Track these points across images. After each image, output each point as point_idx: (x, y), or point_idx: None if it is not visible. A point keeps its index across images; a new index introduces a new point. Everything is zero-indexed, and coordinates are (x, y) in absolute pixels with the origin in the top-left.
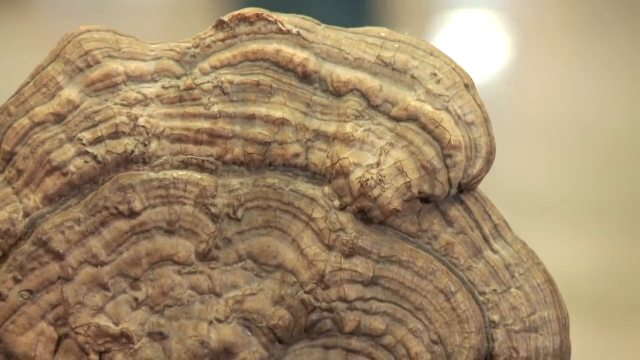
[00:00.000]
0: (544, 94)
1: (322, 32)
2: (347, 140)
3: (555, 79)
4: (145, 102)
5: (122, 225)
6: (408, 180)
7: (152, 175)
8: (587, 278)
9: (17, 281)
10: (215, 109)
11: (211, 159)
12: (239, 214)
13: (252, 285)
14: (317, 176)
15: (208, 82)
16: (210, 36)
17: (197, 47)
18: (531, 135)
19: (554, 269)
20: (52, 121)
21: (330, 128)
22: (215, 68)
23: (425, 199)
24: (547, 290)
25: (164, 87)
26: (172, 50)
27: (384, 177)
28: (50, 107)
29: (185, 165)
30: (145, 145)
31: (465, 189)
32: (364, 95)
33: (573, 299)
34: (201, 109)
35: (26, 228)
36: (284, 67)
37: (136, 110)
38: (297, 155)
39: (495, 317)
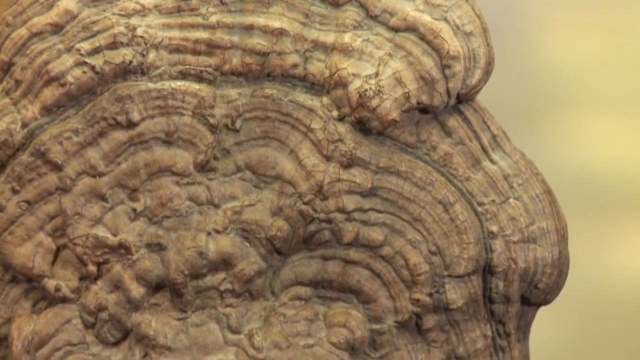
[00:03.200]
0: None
1: None
2: (346, 51)
3: None
4: (143, 12)
5: (120, 135)
6: (406, 90)
7: (150, 85)
8: (588, 178)
9: (15, 192)
10: (213, 19)
11: (209, 69)
12: (237, 124)
13: (250, 195)
14: (316, 86)
15: None
16: None
17: None
18: (527, 43)
19: (551, 170)
20: (50, 31)
21: (329, 38)
22: None
23: (424, 110)
24: (545, 200)
25: None
26: None
27: (383, 87)
28: (48, 17)
29: (183, 75)
30: (143, 56)
31: (463, 99)
32: (363, 5)
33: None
34: (199, 19)
35: (24, 139)
36: None
37: (134, 21)
38: (295, 66)
39: (494, 228)
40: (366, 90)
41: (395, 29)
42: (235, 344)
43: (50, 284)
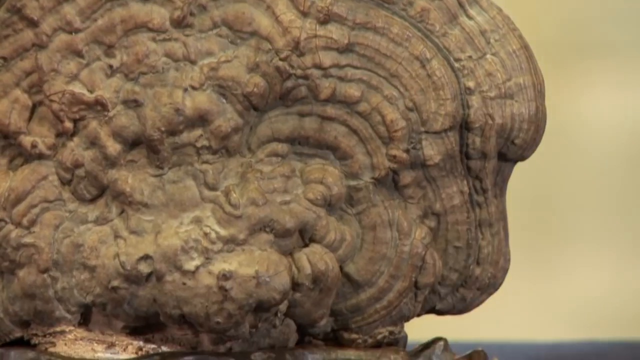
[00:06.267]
0: None
1: None
2: None
3: None
4: None
5: None
6: None
7: None
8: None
9: None
10: None
11: None
12: None
13: (226, 52)
14: None
15: None
16: None
17: None
18: None
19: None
20: None
21: None
22: None
23: None
24: (522, 56)
25: None
26: None
27: None
28: None
29: None
30: None
31: None
32: None
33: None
34: None
35: None
36: None
37: None
38: None
39: (471, 84)
40: None
41: None
42: (211, 200)
43: (26, 140)
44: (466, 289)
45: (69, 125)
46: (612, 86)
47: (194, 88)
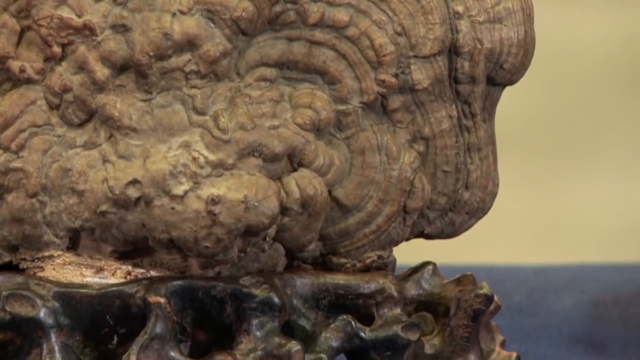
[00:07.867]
0: None
1: None
2: None
3: None
4: None
5: None
6: None
7: None
8: None
9: None
10: None
11: None
12: None
13: None
14: None
15: None
16: None
17: None
18: None
19: None
20: None
21: None
22: None
23: None
24: None
25: None
26: None
27: None
28: None
29: None
30: None
31: None
32: None
33: None
34: None
35: None
36: None
37: None
38: None
39: (459, 8)
40: None
41: None
42: (200, 125)
43: (14, 65)
44: (455, 213)
45: (57, 49)
46: (603, 3)
47: (182, 13)
